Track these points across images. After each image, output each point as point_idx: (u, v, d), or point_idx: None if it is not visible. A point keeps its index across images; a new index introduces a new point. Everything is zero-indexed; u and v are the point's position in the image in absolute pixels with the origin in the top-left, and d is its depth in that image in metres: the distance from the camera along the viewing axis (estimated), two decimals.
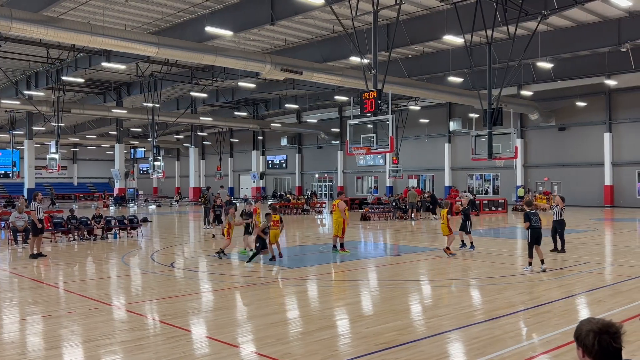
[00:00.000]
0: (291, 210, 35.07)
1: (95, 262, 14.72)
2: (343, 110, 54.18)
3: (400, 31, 24.52)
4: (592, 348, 2.53)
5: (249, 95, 44.97)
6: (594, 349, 2.52)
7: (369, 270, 13.14)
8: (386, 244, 18.60)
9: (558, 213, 15.40)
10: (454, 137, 46.94)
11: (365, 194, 51.44)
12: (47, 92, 40.03)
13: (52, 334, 7.46)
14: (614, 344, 2.51)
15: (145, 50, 21.48)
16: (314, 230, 24.71)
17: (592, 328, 2.55)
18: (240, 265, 13.74)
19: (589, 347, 2.54)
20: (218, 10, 25.20)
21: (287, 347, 6.69)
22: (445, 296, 9.86)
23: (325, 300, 9.69)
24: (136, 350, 6.59)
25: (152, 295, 10.11)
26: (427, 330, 7.43)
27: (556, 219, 15.38)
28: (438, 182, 48.26)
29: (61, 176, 73.34)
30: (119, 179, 50.63)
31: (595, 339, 2.52)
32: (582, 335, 2.57)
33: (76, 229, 19.31)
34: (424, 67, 33.24)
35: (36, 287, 11.07)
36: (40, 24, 18.66)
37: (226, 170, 66.86)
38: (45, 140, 54.65)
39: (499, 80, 24.48)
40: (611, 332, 2.53)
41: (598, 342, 2.51)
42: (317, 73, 25.77)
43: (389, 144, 17.33)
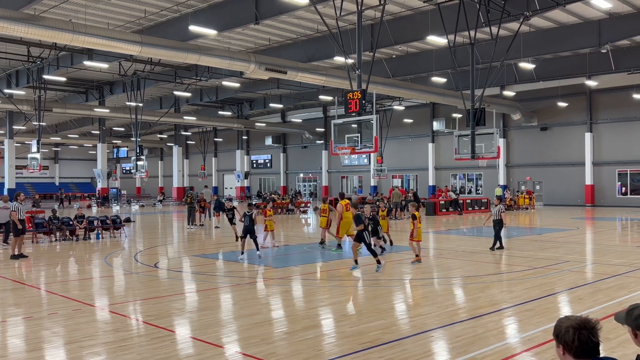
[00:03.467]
0: (275, 210, 34.98)
1: (77, 263, 14.58)
2: (327, 110, 54.24)
3: (384, 31, 24.63)
4: (572, 344, 2.58)
5: (233, 94, 44.82)
6: (574, 345, 2.58)
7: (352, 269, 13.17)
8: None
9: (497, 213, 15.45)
10: (438, 137, 47.24)
11: (350, 193, 51.56)
12: (28, 91, 39.54)
13: (34, 335, 7.38)
14: (592, 338, 2.57)
15: (128, 49, 21.31)
16: (298, 230, 24.71)
17: (571, 324, 2.61)
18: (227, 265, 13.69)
19: (569, 343, 2.59)
20: (202, 9, 25.10)
21: (271, 347, 6.70)
22: (428, 295, 9.94)
23: (309, 300, 9.71)
24: (120, 351, 6.55)
25: (135, 295, 10.05)
26: (411, 329, 7.49)
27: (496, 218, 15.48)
28: (422, 182, 48.53)
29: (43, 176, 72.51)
30: (101, 178, 50.11)
31: (575, 335, 2.58)
32: (562, 332, 2.63)
33: (58, 229, 19.11)
34: (407, 68, 33.42)
35: (17, 288, 10.93)
36: (21, 22, 18.42)
37: (210, 170, 66.54)
38: (26, 139, 53.98)
39: (482, 80, 24.70)
40: (589, 327, 2.59)
41: (578, 337, 2.57)
42: (301, 73, 25.77)
43: (373, 143, 17.41)
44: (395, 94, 33.51)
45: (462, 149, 23.28)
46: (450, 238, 20.43)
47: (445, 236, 21.28)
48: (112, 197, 52.75)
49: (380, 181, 49.45)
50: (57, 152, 79.79)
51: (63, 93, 46.96)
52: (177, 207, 46.11)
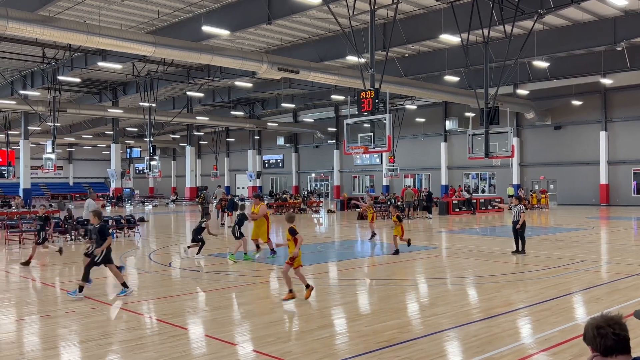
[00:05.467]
0: (288, 209, 35.05)
1: None
2: (340, 110, 54.19)
3: (397, 30, 24.55)
4: (595, 341, 2.56)
5: (245, 94, 44.93)
6: (597, 342, 2.56)
7: (366, 269, 13.16)
8: (383, 242, 18.62)
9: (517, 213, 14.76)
10: (450, 136, 47.02)
11: (362, 193, 51.48)
12: (43, 92, 39.93)
13: (51, 333, 7.45)
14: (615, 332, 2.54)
15: (142, 49, 21.44)
16: (311, 229, 24.72)
17: (591, 323, 2.60)
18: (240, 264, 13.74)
19: (593, 341, 2.57)
20: (215, 9, 25.19)
21: (286, 345, 6.70)
22: (443, 295, 9.89)
23: (323, 299, 9.70)
24: (136, 349, 6.59)
25: (150, 294, 10.10)
26: (426, 329, 7.45)
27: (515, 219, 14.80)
28: (434, 181, 48.34)
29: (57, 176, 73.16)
30: (115, 178, 50.47)
31: (595, 331, 2.56)
32: (586, 333, 2.61)
33: (73, 229, 19.27)
34: (420, 66, 33.29)
35: (34, 287, 11.04)
36: (36, 24, 18.61)
37: (222, 169, 66.77)
38: (41, 140, 54.52)
39: (495, 79, 24.54)
40: (611, 322, 2.56)
41: (598, 333, 2.55)
42: (313, 72, 25.77)
43: (386, 143, 17.38)
44: (408, 93, 33.41)
45: (475, 148, 23.15)
46: (464, 238, 20.32)
47: (459, 236, 21.17)
48: (125, 197, 53.13)
49: (392, 181, 49.31)
50: (71, 153, 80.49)
51: (77, 94, 47.37)
52: (190, 206, 46.32)
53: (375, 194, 45.63)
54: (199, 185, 58.49)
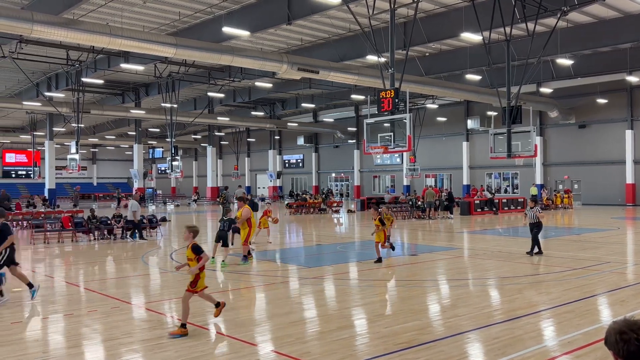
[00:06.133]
0: (308, 209, 35.10)
1: (115, 262, 14.88)
2: (360, 109, 54.06)
3: (418, 29, 24.39)
4: (616, 346, 2.51)
5: (265, 95, 45.09)
6: (618, 347, 2.50)
7: (386, 269, 13.10)
8: (403, 243, 18.52)
9: (534, 215, 14.45)
10: (472, 136, 46.59)
11: (382, 193, 51.30)
12: (67, 93, 40.58)
13: (74, 332, 7.56)
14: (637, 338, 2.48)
15: (163, 51, 21.65)
16: (331, 229, 24.71)
17: (614, 327, 2.54)
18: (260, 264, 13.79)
19: (615, 346, 2.51)
20: (235, 10, 25.31)
21: (305, 346, 6.70)
22: (464, 296, 9.79)
23: (343, 299, 9.68)
24: (157, 348, 6.65)
25: (171, 294, 10.18)
26: (446, 330, 7.38)
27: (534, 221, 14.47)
28: (456, 181, 47.95)
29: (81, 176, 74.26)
30: (137, 178, 51.07)
31: (617, 337, 2.50)
32: (609, 338, 2.56)
33: (96, 228, 19.55)
34: (441, 65, 33.03)
35: (58, 286, 11.22)
36: (61, 27, 18.91)
37: (243, 169, 67.11)
38: (65, 140, 55.38)
39: (518, 77, 24.23)
40: (634, 328, 2.50)
41: (621, 339, 2.49)
42: (333, 72, 25.74)
43: (406, 142, 17.28)
44: (429, 92, 33.17)
45: (497, 148, 22.90)
46: (486, 238, 20.11)
47: (481, 236, 20.96)
48: (148, 197, 53.72)
49: (413, 180, 49.04)
50: (95, 153, 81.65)
51: (100, 95, 48.04)
52: (211, 206, 46.65)
53: (396, 193, 45.44)
54: (220, 185, 58.85)
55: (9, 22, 17.88)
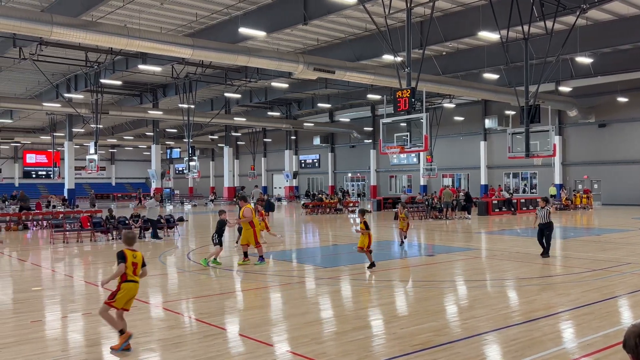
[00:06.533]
0: (324, 209, 35.10)
1: None
2: (376, 109, 53.91)
3: (434, 28, 24.23)
4: (635, 350, 2.46)
5: (281, 95, 45.17)
6: (638, 351, 2.45)
7: (403, 270, 13.04)
8: (420, 243, 18.42)
9: (546, 216, 14.04)
10: (490, 135, 46.19)
11: (399, 192, 51.10)
12: (86, 95, 41.07)
13: (92, 331, 7.64)
14: None
15: (181, 52, 21.79)
16: (347, 229, 24.67)
17: (634, 330, 2.50)
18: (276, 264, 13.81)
19: (633, 349, 2.47)
20: (251, 11, 25.38)
21: (321, 346, 6.69)
22: (481, 297, 9.70)
23: (359, 300, 9.66)
24: (174, 348, 6.70)
25: (188, 293, 10.25)
26: (464, 332, 7.33)
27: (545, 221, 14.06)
28: (474, 181, 47.58)
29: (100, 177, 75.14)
30: (155, 179, 51.51)
31: (637, 340, 2.45)
32: (627, 341, 2.51)
33: (115, 228, 19.75)
34: (458, 64, 32.79)
35: (77, 285, 11.35)
36: (79, 29, 19.12)
37: (260, 169, 67.33)
38: (84, 141, 56.07)
39: (536, 76, 23.95)
40: None
41: None
42: (349, 72, 25.70)
43: (423, 142, 17.18)
44: (446, 91, 32.95)
45: (515, 147, 22.66)
46: (504, 239, 19.93)
47: (498, 237, 20.77)
48: (165, 197, 54.13)
49: (430, 180, 48.77)
50: (114, 154, 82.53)
51: (119, 96, 48.52)
52: (228, 206, 46.88)
53: (413, 193, 45.24)
54: (236, 185, 59.12)
55: (29, 25, 18.13)
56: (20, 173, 74.55)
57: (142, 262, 6.88)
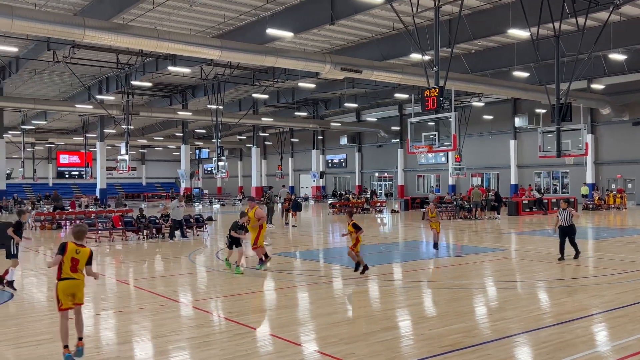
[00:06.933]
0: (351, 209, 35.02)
1: (163, 260, 15.24)
2: (403, 108, 53.59)
3: (463, 26, 23.99)
4: None
5: (308, 95, 45.29)
6: None
7: (431, 270, 12.95)
8: (449, 244, 18.25)
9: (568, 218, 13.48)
10: (520, 134, 45.49)
11: (427, 192, 50.71)
12: (117, 96, 41.86)
13: (124, 329, 7.78)
14: None
15: (209, 53, 22.02)
16: (374, 229, 24.59)
17: None
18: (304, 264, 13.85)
19: None
20: (279, 12, 25.51)
21: (350, 347, 6.69)
22: (511, 298, 9.57)
23: (387, 300, 9.62)
24: (203, 346, 6.78)
25: (217, 292, 10.36)
26: (493, 334, 7.24)
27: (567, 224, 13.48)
28: (503, 180, 46.92)
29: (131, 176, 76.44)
30: (185, 179, 52.20)
31: None
32: None
33: (145, 227, 20.07)
34: (487, 62, 32.38)
35: (109, 283, 11.57)
36: (111, 31, 19.50)
37: (287, 169, 67.61)
38: (115, 142, 57.11)
39: (568, 74, 23.50)
40: None
41: None
42: (376, 71, 25.60)
43: (451, 141, 17.01)
44: (475, 90, 32.60)
45: (546, 146, 22.27)
46: (534, 239, 19.60)
47: (529, 237, 20.44)
48: (194, 196, 54.78)
49: (458, 180, 48.27)
50: (144, 154, 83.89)
51: (149, 97, 49.31)
52: None
53: (441, 193, 44.85)
54: (264, 185, 59.48)
55: (63, 28, 18.55)
56: (54, 173, 76.40)
57: (88, 260, 6.40)
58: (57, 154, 76.49)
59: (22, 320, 8.37)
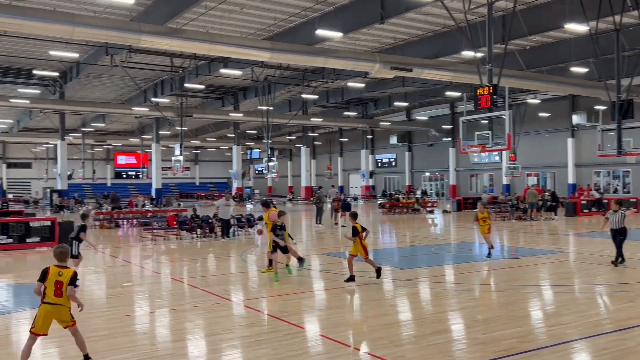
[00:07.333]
0: (401, 209, 34.73)
1: (216, 259, 15.54)
2: (455, 107, 52.65)
3: (517, 22, 23.35)
4: None
5: (358, 94, 45.16)
6: None
7: (484, 273, 12.67)
8: (503, 245, 17.82)
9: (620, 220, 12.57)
10: (578, 132, 43.89)
11: (480, 192, 49.66)
12: (172, 99, 43.02)
13: (179, 326, 7.98)
14: None
15: (260, 55, 22.29)
16: (425, 230, 24.28)
17: None
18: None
19: None
20: (328, 12, 25.55)
21: (400, 349, 6.63)
22: (569, 303, 9.25)
23: (438, 303, 9.48)
24: (255, 345, 6.87)
25: (268, 292, 10.47)
26: (550, 339, 7.02)
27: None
28: (560, 180, 45.40)
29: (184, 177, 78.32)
30: (236, 179, 53.10)
31: None
32: None
33: (199, 227, 20.53)
34: (543, 58, 31.39)
35: (164, 281, 11.90)
36: (165, 36, 20.02)
37: (336, 169, 67.68)
38: (170, 143, 58.71)
39: (629, 69, 22.50)
40: None
41: None
42: (427, 70, 25.25)
43: (505, 140, 16.59)
44: (530, 87, 31.66)
45: (606, 145, 21.44)
46: (594, 241, 18.86)
47: (588, 239, 19.69)
48: (246, 196, 55.63)
49: (513, 180, 47.02)
50: (197, 155, 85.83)
51: (202, 99, 50.43)
52: (305, 205, 47.46)
53: (495, 193, 43.83)
54: (313, 185, 59.73)
55: (120, 34, 19.20)
56: (112, 174, 79.25)
57: (70, 280, 6.01)
58: (114, 155, 79.30)
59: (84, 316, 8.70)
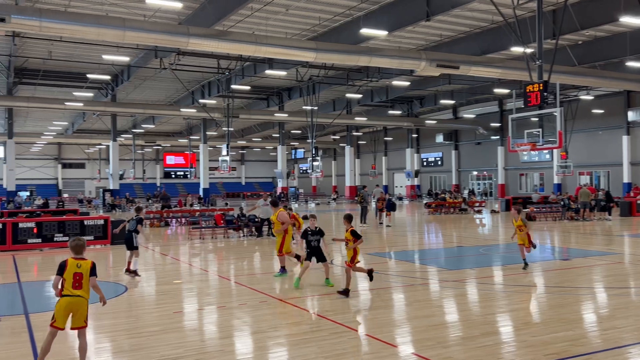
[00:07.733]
0: (447, 209, 34.26)
1: (262, 257, 15.73)
2: (504, 104, 51.54)
3: (568, 16, 22.65)
4: None
5: (402, 93, 44.82)
6: None
7: (534, 274, 12.34)
8: (554, 246, 17.32)
9: None
10: (634, 129, 42.21)
11: (530, 192, 48.42)
12: (219, 100, 43.81)
13: (226, 324, 8.12)
14: None
15: (305, 56, 22.43)
16: (472, 230, 23.87)
17: None
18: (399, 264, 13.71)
19: None
20: (373, 11, 25.45)
21: (447, 351, 6.54)
22: (624, 306, 8.91)
23: (487, 304, 9.30)
24: (301, 343, 6.92)
25: (314, 291, 10.51)
26: (604, 343, 6.79)
27: None
28: (615, 179, 43.77)
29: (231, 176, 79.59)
30: (281, 178, 53.58)
31: None
32: None
33: (245, 225, 20.82)
34: (596, 53, 30.33)
35: (212, 279, 12.12)
36: (212, 38, 20.41)
37: (380, 168, 67.33)
38: (217, 143, 59.81)
39: None
40: None
41: None
42: (474, 67, 24.83)
43: (557, 138, 16.13)
44: (582, 83, 30.69)
45: None
46: None
47: None
48: (291, 195, 56.05)
49: (564, 179, 45.65)
50: (243, 155, 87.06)
51: (247, 100, 51.13)
52: (349, 205, 47.42)
53: (545, 193, 42.66)
54: (357, 184, 59.61)
55: (169, 37, 19.70)
56: (161, 173, 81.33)
57: (91, 271, 5.93)
58: (163, 155, 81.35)
59: (136, 312, 8.97)
